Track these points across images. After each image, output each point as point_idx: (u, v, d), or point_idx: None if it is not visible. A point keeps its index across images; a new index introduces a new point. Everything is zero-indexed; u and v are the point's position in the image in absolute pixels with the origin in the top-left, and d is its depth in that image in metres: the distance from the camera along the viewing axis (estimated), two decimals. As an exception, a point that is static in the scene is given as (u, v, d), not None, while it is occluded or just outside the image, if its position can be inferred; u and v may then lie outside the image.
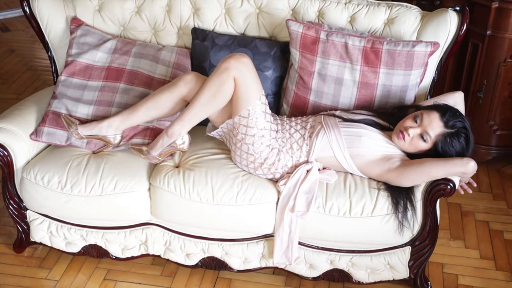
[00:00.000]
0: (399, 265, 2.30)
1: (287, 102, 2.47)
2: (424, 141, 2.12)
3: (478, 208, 2.86)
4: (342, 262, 2.31)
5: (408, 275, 2.33)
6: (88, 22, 2.59)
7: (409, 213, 2.14)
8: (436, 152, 2.13)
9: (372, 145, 2.18)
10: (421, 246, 2.24)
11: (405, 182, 2.13)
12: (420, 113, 2.15)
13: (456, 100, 2.29)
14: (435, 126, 2.11)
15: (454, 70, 3.00)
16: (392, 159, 2.16)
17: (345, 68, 2.31)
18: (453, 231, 2.72)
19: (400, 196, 2.15)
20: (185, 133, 2.24)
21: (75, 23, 2.55)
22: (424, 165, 2.09)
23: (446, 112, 2.12)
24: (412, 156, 2.19)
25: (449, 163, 2.07)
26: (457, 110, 2.16)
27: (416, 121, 2.14)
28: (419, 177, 2.11)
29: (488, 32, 2.76)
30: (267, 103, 2.21)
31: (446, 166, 2.07)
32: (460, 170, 2.07)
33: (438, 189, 2.11)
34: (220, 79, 2.12)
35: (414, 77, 2.30)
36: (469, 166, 2.06)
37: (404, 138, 2.14)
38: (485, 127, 2.98)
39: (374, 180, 2.22)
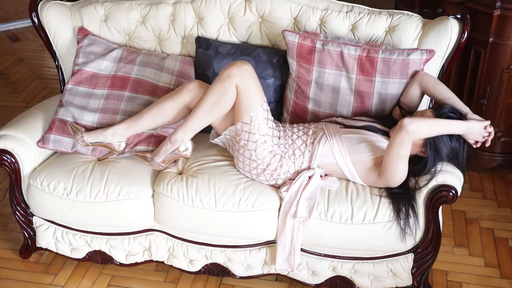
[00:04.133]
0: (402, 272, 2.30)
1: (287, 110, 2.49)
2: None
3: (482, 215, 2.85)
4: (345, 269, 2.32)
5: (411, 283, 2.33)
6: (95, 31, 2.63)
7: (411, 220, 2.15)
8: (430, 152, 2.14)
9: (372, 151, 2.19)
10: (424, 253, 2.24)
11: (393, 177, 2.13)
12: (415, 112, 2.23)
13: (421, 79, 2.25)
14: (425, 115, 2.14)
15: (457, 77, 3.01)
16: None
17: (342, 77, 2.33)
18: (457, 238, 2.72)
19: (402, 203, 2.15)
20: (188, 140, 2.27)
21: (82, 33, 2.60)
22: (387, 150, 2.11)
23: (439, 106, 2.17)
24: (411, 162, 2.20)
25: (394, 145, 2.08)
26: (452, 106, 2.17)
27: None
28: (395, 164, 2.10)
29: (490, 39, 2.77)
30: (269, 110, 2.24)
31: (394, 149, 2.08)
32: (401, 132, 2.04)
33: (440, 196, 2.12)
34: (223, 86, 2.15)
35: (409, 85, 2.32)
36: (404, 123, 2.03)
37: None
38: (489, 134, 2.98)
39: (376, 187, 2.23)
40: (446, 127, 2.10)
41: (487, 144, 2.17)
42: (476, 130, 2.12)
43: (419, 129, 2.06)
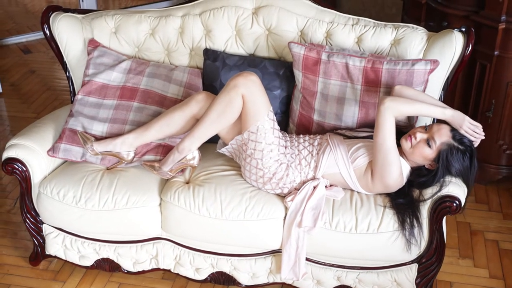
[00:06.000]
0: (406, 283, 2.31)
1: (293, 121, 2.53)
2: (429, 146, 2.15)
3: (488, 227, 2.86)
4: (349, 279, 2.34)
5: (415, 293, 2.34)
6: (105, 43, 2.68)
7: (416, 230, 2.17)
8: (440, 167, 2.15)
9: (368, 155, 2.22)
10: (428, 264, 2.26)
11: (385, 169, 2.14)
12: (431, 124, 2.23)
13: (400, 92, 2.26)
14: (442, 134, 2.15)
15: (462, 90, 3.03)
16: None
17: (347, 88, 2.37)
18: (462, 250, 2.72)
19: (406, 213, 2.17)
20: (195, 149, 2.30)
21: (92, 45, 2.65)
22: (374, 134, 2.15)
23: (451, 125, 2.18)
24: (418, 173, 2.23)
25: (377, 124, 2.12)
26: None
27: (425, 129, 2.20)
28: (383, 149, 2.12)
29: (495, 53, 2.80)
30: (275, 119, 2.27)
31: (378, 128, 2.12)
32: (379, 108, 2.11)
33: (444, 206, 2.14)
34: (229, 96, 2.19)
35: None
36: (382, 97, 2.12)
37: (411, 141, 2.18)
38: (495, 146, 3.00)
39: (380, 196, 2.26)
40: (426, 109, 2.15)
41: (475, 145, 2.19)
42: (459, 120, 2.14)
43: (395, 104, 2.10)
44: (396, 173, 2.16)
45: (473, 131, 2.17)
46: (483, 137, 2.20)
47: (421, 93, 2.27)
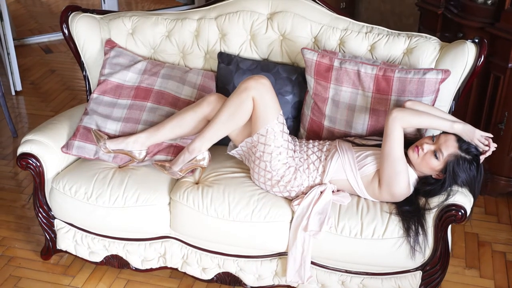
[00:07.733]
0: (410, 290, 2.32)
1: (304, 126, 2.55)
2: (436, 158, 2.17)
3: (496, 239, 2.85)
4: (353, 284, 2.35)
5: (419, 301, 2.35)
6: (121, 44, 2.74)
7: (421, 238, 2.18)
8: (447, 178, 2.16)
9: (377, 163, 2.23)
10: (432, 271, 2.26)
11: (392, 178, 2.17)
12: (438, 135, 2.23)
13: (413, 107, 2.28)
14: (449, 145, 2.16)
15: (476, 101, 3.03)
16: None
17: (358, 95, 2.38)
18: (469, 260, 2.72)
19: (411, 221, 2.18)
20: (205, 149, 2.34)
21: (109, 45, 2.71)
22: (382, 143, 2.18)
23: (462, 138, 2.19)
24: (425, 183, 2.24)
25: (385, 134, 2.16)
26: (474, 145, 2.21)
27: (432, 140, 2.21)
28: (391, 158, 2.15)
29: (509, 65, 2.79)
30: (284, 123, 2.30)
31: (386, 137, 2.16)
32: (387, 118, 2.15)
33: (449, 215, 2.15)
34: (240, 98, 2.22)
35: (424, 104, 2.35)
36: (391, 108, 2.17)
37: (418, 152, 2.19)
38: (506, 159, 2.98)
39: (386, 203, 2.27)
40: (434, 122, 2.18)
41: (482, 158, 2.19)
42: (469, 133, 2.16)
43: (403, 115, 2.14)
44: (404, 183, 2.18)
45: (483, 143, 2.18)
46: (495, 146, 2.20)
47: (432, 108, 2.29)
